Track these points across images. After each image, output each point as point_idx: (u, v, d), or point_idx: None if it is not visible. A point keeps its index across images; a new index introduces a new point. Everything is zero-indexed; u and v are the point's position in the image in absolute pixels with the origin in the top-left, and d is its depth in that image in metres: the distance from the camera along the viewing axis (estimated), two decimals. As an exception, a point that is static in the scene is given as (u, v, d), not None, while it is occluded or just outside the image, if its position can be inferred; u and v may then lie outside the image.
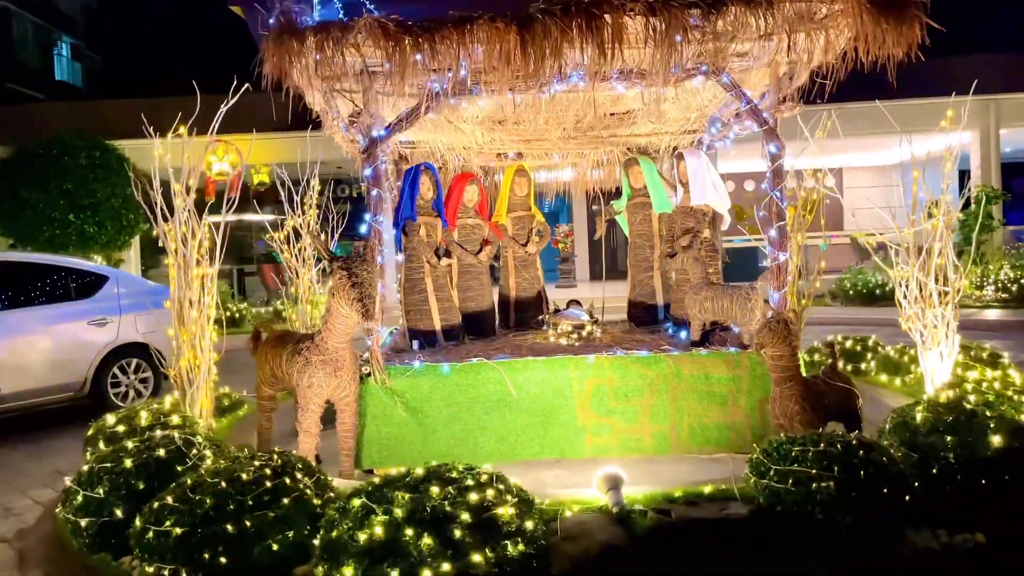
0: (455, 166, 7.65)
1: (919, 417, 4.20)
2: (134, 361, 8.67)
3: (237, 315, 16.88)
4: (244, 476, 3.70)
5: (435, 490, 3.43)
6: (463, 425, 5.55)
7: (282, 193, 7.41)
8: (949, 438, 3.91)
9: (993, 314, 13.60)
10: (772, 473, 3.65)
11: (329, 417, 5.26)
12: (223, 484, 3.65)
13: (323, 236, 6.84)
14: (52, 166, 16.44)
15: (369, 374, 5.49)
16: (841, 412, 5.04)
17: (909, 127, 6.22)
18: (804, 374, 5.01)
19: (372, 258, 5.39)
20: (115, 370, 8.52)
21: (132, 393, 8.59)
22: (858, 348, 7.43)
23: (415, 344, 6.37)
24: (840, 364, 5.38)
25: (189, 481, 3.77)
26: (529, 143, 7.25)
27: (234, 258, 22.34)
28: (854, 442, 3.67)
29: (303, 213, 7.41)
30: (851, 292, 16.14)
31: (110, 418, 5.31)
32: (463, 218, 6.91)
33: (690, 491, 4.00)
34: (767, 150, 5.45)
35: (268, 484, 3.68)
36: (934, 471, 3.83)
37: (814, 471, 3.50)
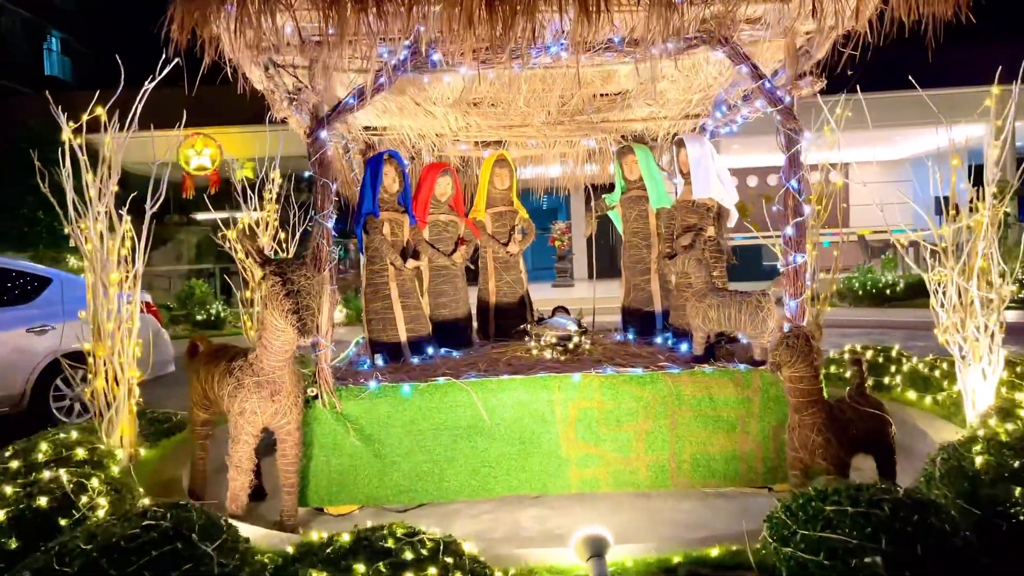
0: (429, 156, 6.83)
1: (978, 461, 3.40)
2: (80, 371, 7.86)
3: (214, 317, 16.11)
4: (124, 541, 2.89)
5: (360, 569, 2.62)
6: (427, 455, 4.75)
7: (236, 188, 6.63)
8: (1019, 489, 3.10)
9: (1011, 315, 12.79)
10: (798, 538, 2.85)
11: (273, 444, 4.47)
12: (95, 553, 2.85)
13: (260, 236, 6.04)
14: (21, 161, 15.66)
15: (316, 396, 4.69)
16: (871, 443, 4.26)
17: (924, 120, 5.50)
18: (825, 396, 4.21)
19: (315, 262, 4.58)
20: (58, 382, 7.72)
21: (78, 407, 7.79)
22: (880, 359, 6.62)
23: (377, 358, 5.57)
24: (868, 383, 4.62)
25: (56, 548, 2.97)
26: (510, 129, 6.44)
27: (214, 258, 21.51)
28: (906, 500, 2.85)
29: (260, 209, 6.65)
30: (860, 292, 15.33)
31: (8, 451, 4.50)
32: (435, 214, 6.10)
33: (693, 556, 3.20)
34: (782, 134, 4.64)
35: (154, 552, 2.87)
36: (1004, 530, 3.02)
37: (854, 540, 2.69)
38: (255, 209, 6.64)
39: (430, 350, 5.71)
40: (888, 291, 14.87)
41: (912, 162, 24.38)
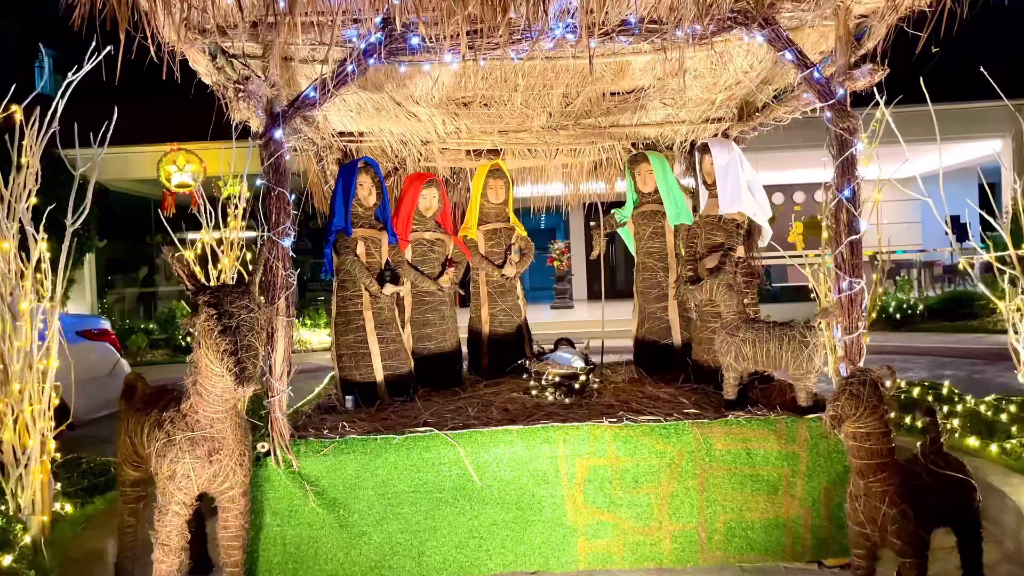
0: (415, 166, 6.02)
1: None
2: None
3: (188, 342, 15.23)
4: None
5: None
6: (404, 524, 3.90)
7: (201, 206, 5.86)
8: None
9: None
10: None
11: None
12: None
13: (192, 257, 5.21)
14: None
15: (268, 452, 3.85)
16: (953, 515, 3.44)
17: (944, 135, 4.79)
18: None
19: (266, 289, 3.76)
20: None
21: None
22: (929, 398, 5.79)
23: (348, 401, 4.72)
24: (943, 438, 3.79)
25: None
26: (506, 135, 5.63)
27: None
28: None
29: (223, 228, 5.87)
30: (875, 316, 14.51)
31: None
32: (419, 231, 5.28)
33: None
34: (833, 135, 3.84)
35: None
36: None
37: None
38: (218, 228, 5.86)
39: (412, 391, 4.88)
40: (907, 314, 14.07)
41: (927, 180, 23.68)
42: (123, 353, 8.33)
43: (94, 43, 4.02)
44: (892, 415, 3.35)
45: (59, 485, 4.63)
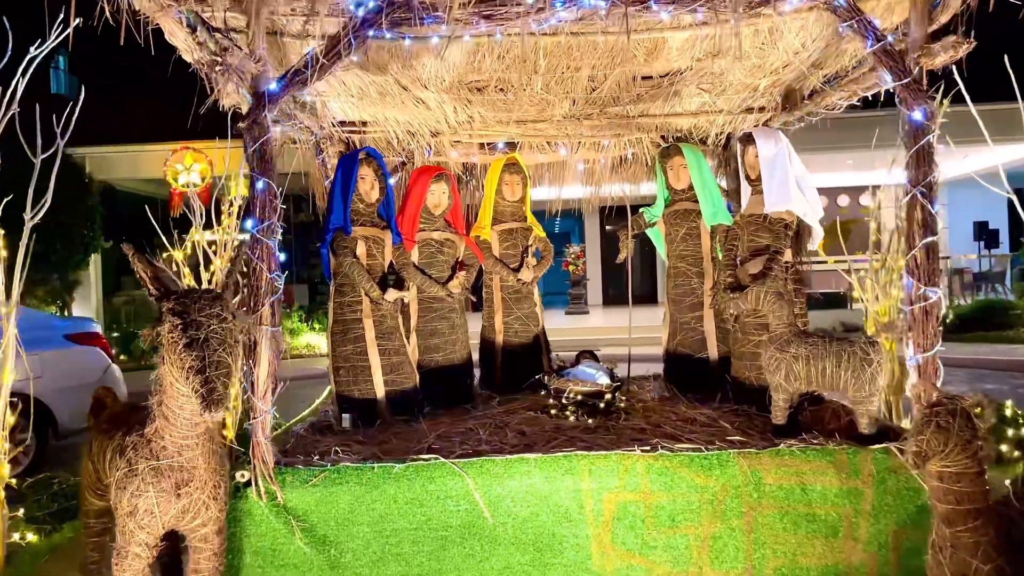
0: (423, 160, 5.50)
1: None
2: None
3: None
4: None
5: None
6: (404, 567, 3.38)
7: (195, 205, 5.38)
8: None
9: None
10: None
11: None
12: None
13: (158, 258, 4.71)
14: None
15: (248, 483, 3.34)
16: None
17: (966, 137, 4.37)
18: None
19: (250, 293, 3.26)
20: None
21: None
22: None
23: (345, 420, 4.21)
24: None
25: None
26: (524, 126, 5.11)
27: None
28: None
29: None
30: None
31: None
32: (426, 230, 4.76)
33: None
34: (906, 120, 3.30)
35: None
36: None
37: None
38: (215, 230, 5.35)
39: (417, 409, 4.36)
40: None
41: (949, 185, 22.99)
42: (115, 358, 7.86)
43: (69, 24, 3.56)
44: (987, 452, 2.80)
45: (22, 511, 4.16)
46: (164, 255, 5.28)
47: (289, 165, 5.56)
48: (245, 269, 3.37)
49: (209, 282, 5.41)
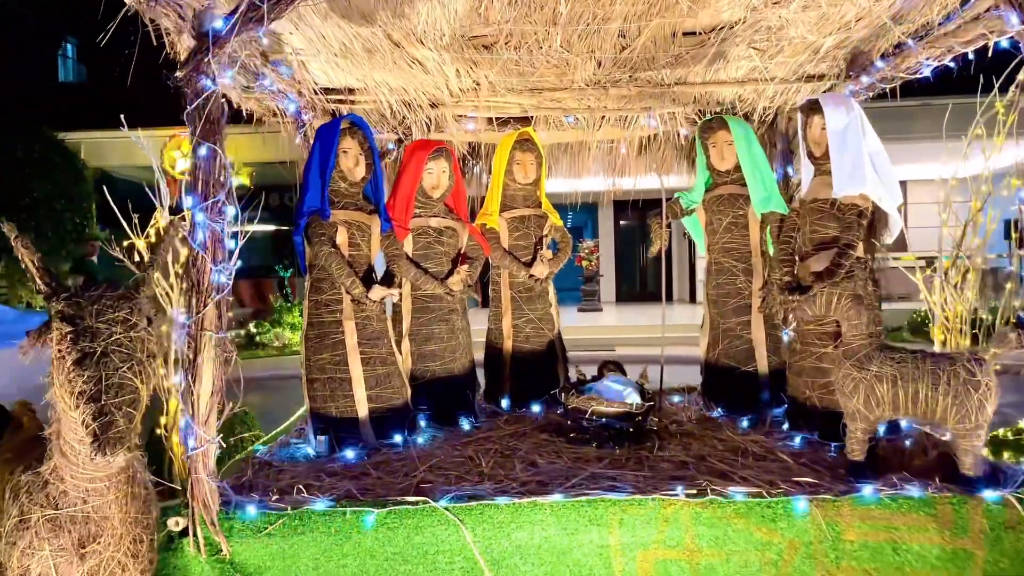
0: (423, 134, 4.76)
1: None
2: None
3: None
4: None
5: None
6: (382, 641, 2.65)
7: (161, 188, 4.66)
8: None
9: None
10: None
11: None
12: None
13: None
14: (-21, 159, 13.87)
15: (185, 532, 2.62)
16: None
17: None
18: None
19: (195, 292, 2.54)
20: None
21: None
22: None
23: (320, 443, 3.49)
24: None
25: None
26: (539, 96, 4.35)
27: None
28: None
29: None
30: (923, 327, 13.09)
31: None
32: (423, 216, 4.03)
33: None
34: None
35: None
36: None
37: None
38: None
39: (407, 430, 3.63)
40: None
41: (976, 180, 22.10)
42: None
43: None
44: None
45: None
46: (125, 242, 4.57)
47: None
48: (191, 260, 2.65)
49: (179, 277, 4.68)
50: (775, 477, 2.94)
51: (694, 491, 2.77)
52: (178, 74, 2.58)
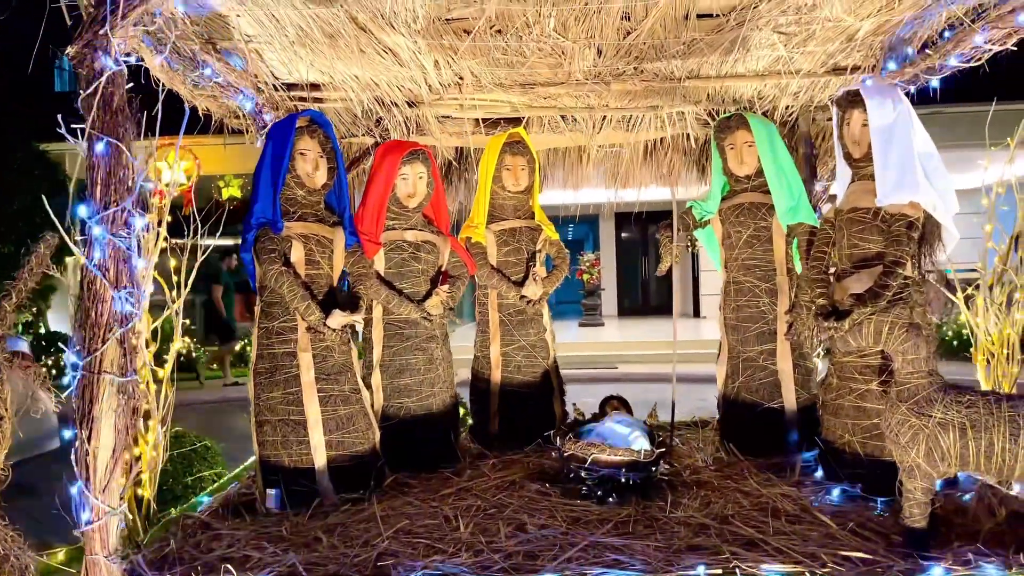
0: (402, 136, 4.22)
1: None
2: None
3: (183, 357, 13.48)
4: None
5: None
6: None
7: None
8: None
9: None
10: None
11: None
12: None
13: None
14: (-45, 170, 13.38)
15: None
16: None
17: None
18: None
19: (80, 324, 2.01)
20: None
21: None
22: None
23: (270, 497, 2.94)
24: None
25: None
26: (531, 92, 3.83)
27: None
28: None
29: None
30: (955, 343, 12.54)
31: None
32: (396, 228, 3.49)
33: None
34: None
35: None
36: None
37: None
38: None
39: (374, 482, 3.08)
40: (955, 341, 12.09)
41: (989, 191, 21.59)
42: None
43: None
44: None
45: None
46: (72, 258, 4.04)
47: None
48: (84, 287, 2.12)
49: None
50: (816, 547, 2.40)
51: (719, 571, 2.22)
52: (69, 51, 2.05)
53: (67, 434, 2.17)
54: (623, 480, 2.89)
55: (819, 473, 3.17)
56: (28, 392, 6.32)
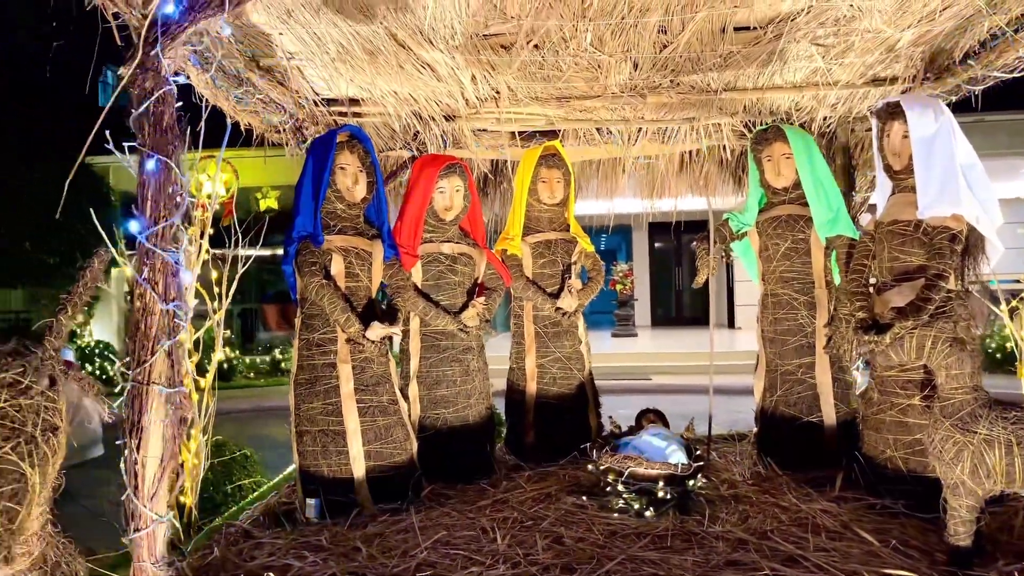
0: (438, 150, 4.27)
1: None
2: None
3: (224, 366, 13.69)
4: None
5: None
6: None
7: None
8: None
9: None
10: None
11: None
12: None
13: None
14: (6, 185, 13.82)
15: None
16: None
17: None
18: None
19: (131, 337, 2.08)
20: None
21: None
22: None
23: (310, 507, 2.98)
24: None
25: None
26: (567, 105, 3.85)
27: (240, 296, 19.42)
28: None
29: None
30: (999, 356, 12.25)
31: None
32: (434, 241, 3.54)
33: None
34: None
35: None
36: None
37: None
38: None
39: (412, 493, 3.11)
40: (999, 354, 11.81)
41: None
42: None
43: None
44: None
45: None
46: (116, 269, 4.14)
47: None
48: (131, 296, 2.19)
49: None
50: (858, 565, 2.37)
51: (760, 586, 2.21)
52: (121, 71, 2.12)
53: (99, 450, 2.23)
54: (660, 494, 2.88)
55: (859, 488, 3.13)
56: (80, 402, 6.51)
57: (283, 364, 13.36)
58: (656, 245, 19.58)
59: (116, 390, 2.20)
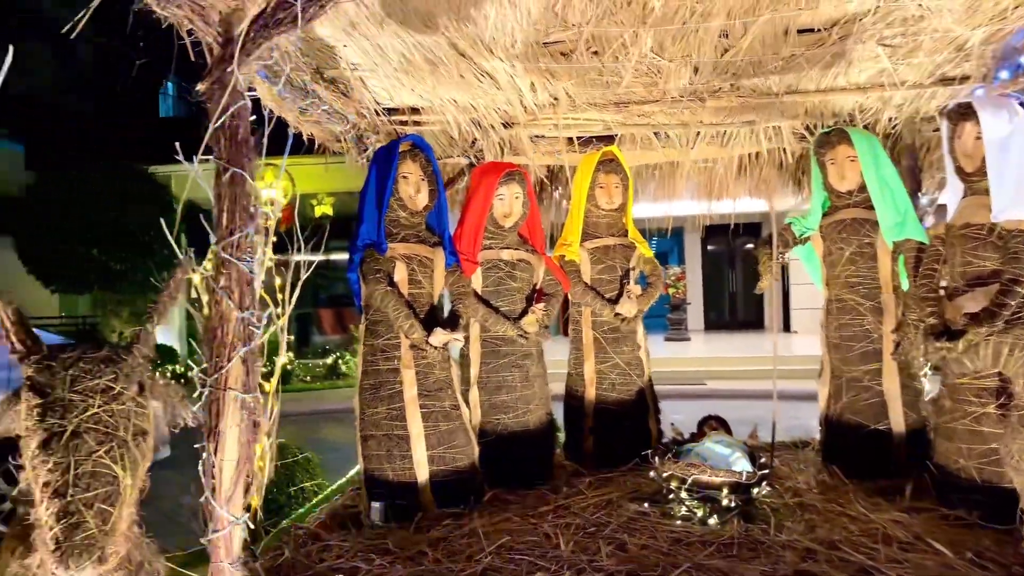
0: (496, 156, 4.30)
1: None
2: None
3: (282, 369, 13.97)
4: None
5: None
6: None
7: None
8: None
9: None
10: None
11: None
12: None
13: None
14: (74, 192, 14.34)
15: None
16: None
17: None
18: None
19: (207, 344, 2.14)
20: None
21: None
22: None
23: (375, 510, 3.03)
24: None
25: None
26: (625, 110, 3.85)
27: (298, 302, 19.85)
28: None
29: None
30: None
31: None
32: (493, 247, 3.57)
33: None
34: None
35: None
36: None
37: None
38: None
39: (474, 497, 3.14)
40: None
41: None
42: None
43: None
44: None
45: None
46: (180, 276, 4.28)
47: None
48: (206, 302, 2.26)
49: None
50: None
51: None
52: (200, 87, 2.19)
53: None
54: (724, 502, 2.85)
55: (935, 498, 3.05)
56: (167, 407, 6.74)
57: (344, 368, 13.50)
58: (709, 248, 19.33)
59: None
